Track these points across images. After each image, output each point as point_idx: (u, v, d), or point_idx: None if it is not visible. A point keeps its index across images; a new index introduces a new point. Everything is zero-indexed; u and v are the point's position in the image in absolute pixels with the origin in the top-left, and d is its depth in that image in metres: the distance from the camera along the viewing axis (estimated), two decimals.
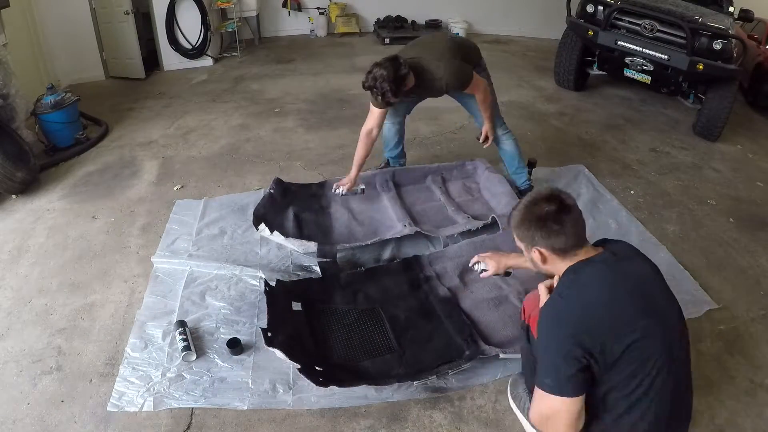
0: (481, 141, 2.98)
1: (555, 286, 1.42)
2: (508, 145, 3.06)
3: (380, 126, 2.80)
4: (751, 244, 2.88)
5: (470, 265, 2.14)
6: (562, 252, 1.37)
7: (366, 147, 2.79)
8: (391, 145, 3.21)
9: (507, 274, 2.04)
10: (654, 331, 1.27)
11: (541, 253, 1.39)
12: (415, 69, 2.57)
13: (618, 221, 2.96)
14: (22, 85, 3.62)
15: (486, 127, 2.92)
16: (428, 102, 4.59)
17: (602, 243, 1.46)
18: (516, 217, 1.43)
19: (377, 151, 3.66)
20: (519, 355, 2.01)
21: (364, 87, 2.55)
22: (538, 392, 1.31)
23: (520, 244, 1.47)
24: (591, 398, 1.29)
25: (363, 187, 2.97)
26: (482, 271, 2.04)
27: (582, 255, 1.37)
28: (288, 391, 1.89)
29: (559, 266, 1.40)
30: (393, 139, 3.17)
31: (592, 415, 1.32)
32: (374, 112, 2.72)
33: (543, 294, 1.47)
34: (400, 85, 2.48)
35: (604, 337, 1.24)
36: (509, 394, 1.83)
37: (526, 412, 1.59)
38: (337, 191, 2.87)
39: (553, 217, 1.34)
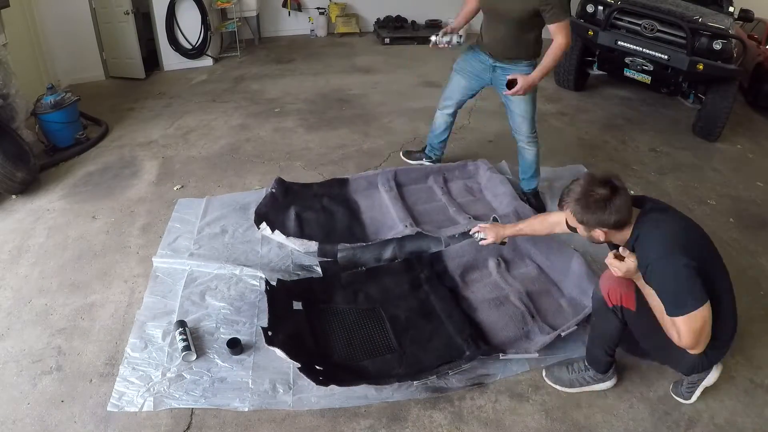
0: (508, 86, 2.65)
1: (633, 244, 1.61)
2: (529, 153, 2.95)
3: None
4: (751, 244, 2.88)
5: (470, 233, 2.24)
6: (621, 226, 1.58)
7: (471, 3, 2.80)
8: (437, 132, 3.22)
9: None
10: (712, 250, 1.65)
11: (603, 232, 1.60)
12: None
13: None
14: (22, 85, 3.62)
15: (521, 81, 2.59)
16: (428, 102, 4.61)
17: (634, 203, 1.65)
18: (573, 207, 1.60)
19: (377, 151, 3.68)
20: (519, 356, 2.02)
21: None
22: (683, 318, 1.50)
23: (579, 226, 1.64)
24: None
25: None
26: (481, 239, 2.15)
27: (633, 217, 1.60)
28: (288, 391, 1.89)
29: (617, 236, 1.62)
30: (441, 127, 3.18)
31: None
32: None
33: (623, 264, 1.62)
34: None
35: (699, 250, 1.57)
36: (548, 380, 1.98)
37: (579, 383, 1.93)
38: (437, 38, 2.86)
39: (610, 200, 1.54)
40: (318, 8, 6.82)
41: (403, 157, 3.46)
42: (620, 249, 1.64)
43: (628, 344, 1.90)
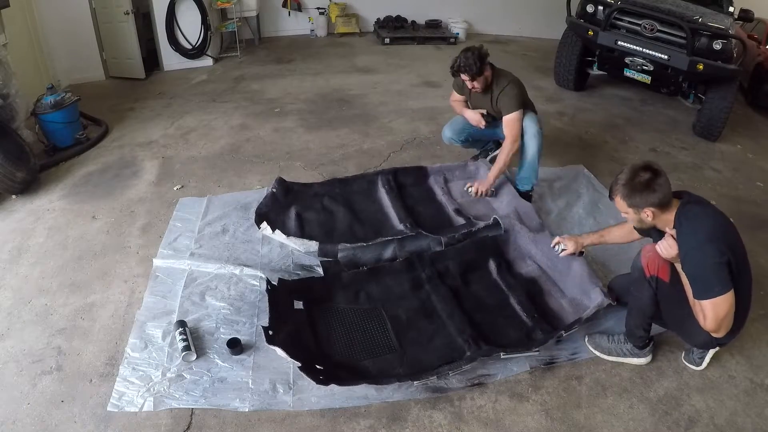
0: (468, 189, 3.04)
1: (676, 229, 1.77)
2: (531, 146, 2.94)
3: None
4: (750, 244, 2.86)
5: (552, 246, 2.39)
6: (665, 206, 1.75)
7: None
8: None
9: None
10: (741, 246, 1.80)
11: (651, 212, 1.75)
12: (492, 71, 2.92)
13: (618, 221, 2.95)
14: (22, 85, 3.62)
15: (491, 172, 2.96)
16: (428, 102, 4.61)
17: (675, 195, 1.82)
18: (623, 191, 1.77)
19: (377, 151, 3.68)
20: (520, 354, 2.02)
21: (453, 68, 2.86)
22: (709, 303, 1.67)
23: (629, 210, 1.80)
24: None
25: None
26: (562, 250, 2.33)
27: (674, 204, 1.78)
28: (288, 391, 1.89)
29: (662, 218, 1.79)
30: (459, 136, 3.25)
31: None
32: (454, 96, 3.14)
33: (672, 249, 1.79)
34: (482, 66, 2.77)
35: (731, 245, 1.71)
36: (589, 345, 2.12)
37: (616, 353, 2.07)
38: (469, 190, 3.04)
39: (654, 181, 1.72)
40: (318, 8, 6.82)
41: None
42: (667, 234, 1.82)
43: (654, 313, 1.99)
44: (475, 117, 3.04)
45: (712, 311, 1.68)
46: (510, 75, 2.96)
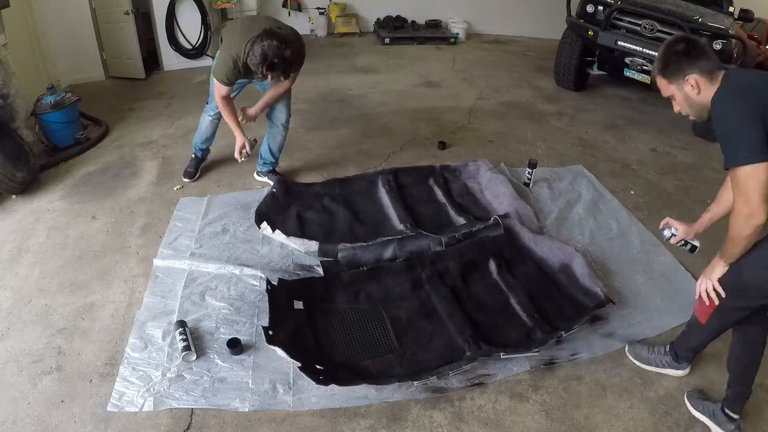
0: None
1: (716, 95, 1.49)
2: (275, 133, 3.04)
3: None
4: None
5: (659, 228, 2.01)
6: (710, 74, 1.50)
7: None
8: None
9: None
10: None
11: (695, 81, 1.51)
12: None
13: (619, 221, 2.96)
14: (22, 85, 3.61)
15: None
16: (428, 102, 4.61)
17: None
18: (661, 62, 1.56)
19: (377, 151, 3.67)
20: (520, 354, 2.02)
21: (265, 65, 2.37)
22: (735, 177, 1.39)
23: (671, 86, 1.57)
24: None
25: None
26: (671, 236, 1.95)
27: (720, 75, 1.51)
28: (288, 391, 1.89)
29: (709, 92, 1.50)
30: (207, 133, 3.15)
31: None
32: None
33: (709, 282, 1.62)
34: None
35: None
36: (629, 354, 2.10)
37: (656, 364, 2.02)
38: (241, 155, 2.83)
39: (693, 44, 1.53)
40: (318, 8, 6.82)
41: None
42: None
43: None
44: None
45: (739, 183, 1.39)
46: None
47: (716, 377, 2.03)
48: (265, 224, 2.68)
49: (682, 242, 1.94)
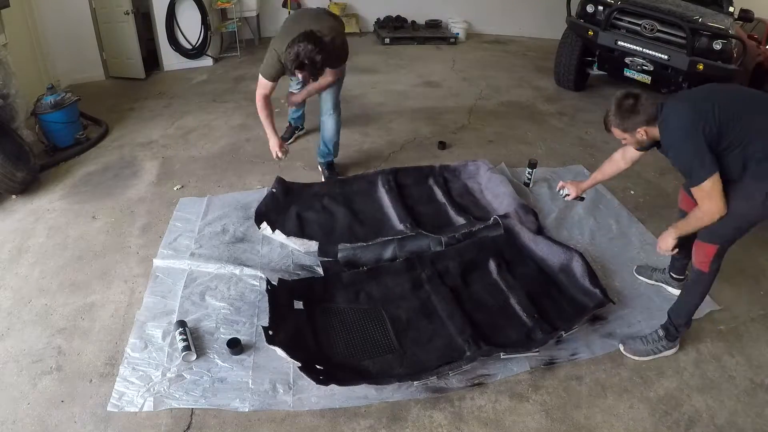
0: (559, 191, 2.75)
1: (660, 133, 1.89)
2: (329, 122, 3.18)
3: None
4: (751, 244, 2.87)
5: (557, 190, 2.63)
6: (653, 120, 1.88)
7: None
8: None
9: (582, 199, 2.62)
10: (737, 97, 1.88)
11: (644, 130, 1.90)
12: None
13: (619, 221, 2.96)
14: (22, 85, 3.61)
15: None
16: (428, 102, 4.61)
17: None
18: (615, 121, 1.96)
19: (377, 151, 3.68)
20: (520, 354, 2.02)
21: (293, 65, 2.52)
22: (700, 190, 1.78)
23: (626, 135, 1.97)
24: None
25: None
26: (566, 195, 2.56)
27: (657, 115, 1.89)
28: (288, 391, 1.89)
29: (654, 132, 1.90)
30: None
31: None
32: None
33: (667, 243, 1.99)
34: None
35: (710, 115, 1.76)
36: (626, 352, 2.14)
37: (653, 353, 2.11)
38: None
39: (637, 101, 1.90)
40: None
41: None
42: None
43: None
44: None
45: (704, 198, 1.79)
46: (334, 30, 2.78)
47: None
48: (265, 224, 2.68)
49: (576, 197, 2.57)
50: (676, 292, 2.39)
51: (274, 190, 2.94)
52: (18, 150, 3.16)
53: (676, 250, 2.01)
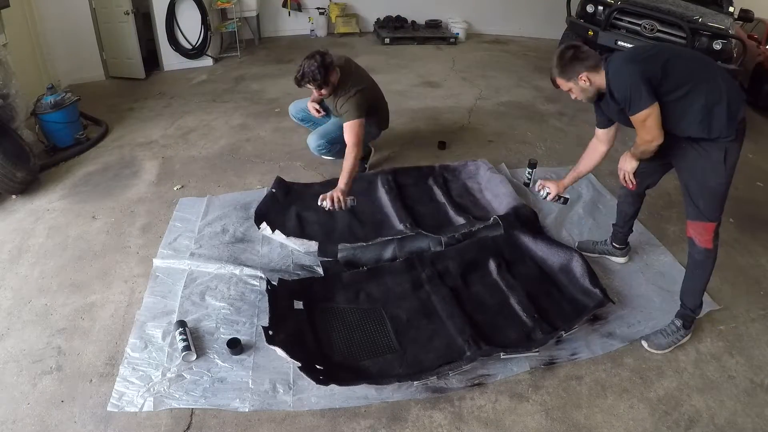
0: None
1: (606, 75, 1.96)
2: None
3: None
4: (751, 244, 2.88)
5: (536, 190, 2.53)
6: (596, 67, 1.96)
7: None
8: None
9: (565, 201, 2.54)
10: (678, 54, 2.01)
11: (586, 76, 1.96)
12: (341, 75, 2.92)
13: (612, 219, 2.95)
14: (22, 85, 3.61)
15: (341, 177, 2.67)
16: (428, 102, 4.61)
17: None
18: (557, 71, 2.00)
19: (377, 151, 3.67)
20: (520, 354, 2.02)
21: (297, 77, 2.86)
22: (636, 119, 1.89)
23: (569, 84, 2.01)
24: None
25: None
26: (546, 194, 2.46)
27: (602, 65, 1.97)
28: (288, 391, 1.89)
29: (598, 79, 1.97)
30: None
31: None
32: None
33: (628, 164, 2.24)
34: (326, 75, 2.81)
35: (654, 63, 1.87)
36: (650, 348, 2.14)
37: (673, 343, 2.13)
38: (323, 204, 2.58)
39: (578, 49, 1.98)
40: (318, 8, 6.82)
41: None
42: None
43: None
44: (311, 107, 3.23)
45: (640, 122, 1.89)
46: (360, 83, 2.97)
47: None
48: (264, 224, 2.68)
49: (556, 197, 2.45)
50: (621, 260, 2.57)
51: (273, 190, 2.94)
52: (18, 150, 3.16)
53: (636, 181, 2.23)
